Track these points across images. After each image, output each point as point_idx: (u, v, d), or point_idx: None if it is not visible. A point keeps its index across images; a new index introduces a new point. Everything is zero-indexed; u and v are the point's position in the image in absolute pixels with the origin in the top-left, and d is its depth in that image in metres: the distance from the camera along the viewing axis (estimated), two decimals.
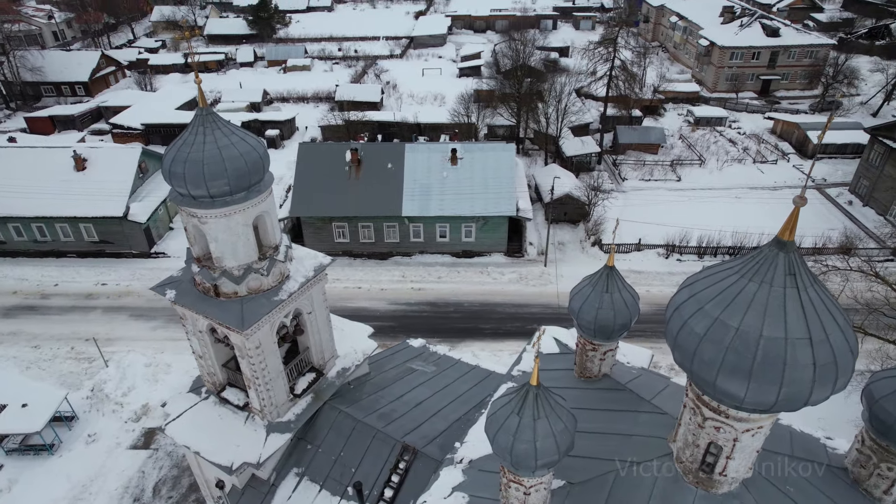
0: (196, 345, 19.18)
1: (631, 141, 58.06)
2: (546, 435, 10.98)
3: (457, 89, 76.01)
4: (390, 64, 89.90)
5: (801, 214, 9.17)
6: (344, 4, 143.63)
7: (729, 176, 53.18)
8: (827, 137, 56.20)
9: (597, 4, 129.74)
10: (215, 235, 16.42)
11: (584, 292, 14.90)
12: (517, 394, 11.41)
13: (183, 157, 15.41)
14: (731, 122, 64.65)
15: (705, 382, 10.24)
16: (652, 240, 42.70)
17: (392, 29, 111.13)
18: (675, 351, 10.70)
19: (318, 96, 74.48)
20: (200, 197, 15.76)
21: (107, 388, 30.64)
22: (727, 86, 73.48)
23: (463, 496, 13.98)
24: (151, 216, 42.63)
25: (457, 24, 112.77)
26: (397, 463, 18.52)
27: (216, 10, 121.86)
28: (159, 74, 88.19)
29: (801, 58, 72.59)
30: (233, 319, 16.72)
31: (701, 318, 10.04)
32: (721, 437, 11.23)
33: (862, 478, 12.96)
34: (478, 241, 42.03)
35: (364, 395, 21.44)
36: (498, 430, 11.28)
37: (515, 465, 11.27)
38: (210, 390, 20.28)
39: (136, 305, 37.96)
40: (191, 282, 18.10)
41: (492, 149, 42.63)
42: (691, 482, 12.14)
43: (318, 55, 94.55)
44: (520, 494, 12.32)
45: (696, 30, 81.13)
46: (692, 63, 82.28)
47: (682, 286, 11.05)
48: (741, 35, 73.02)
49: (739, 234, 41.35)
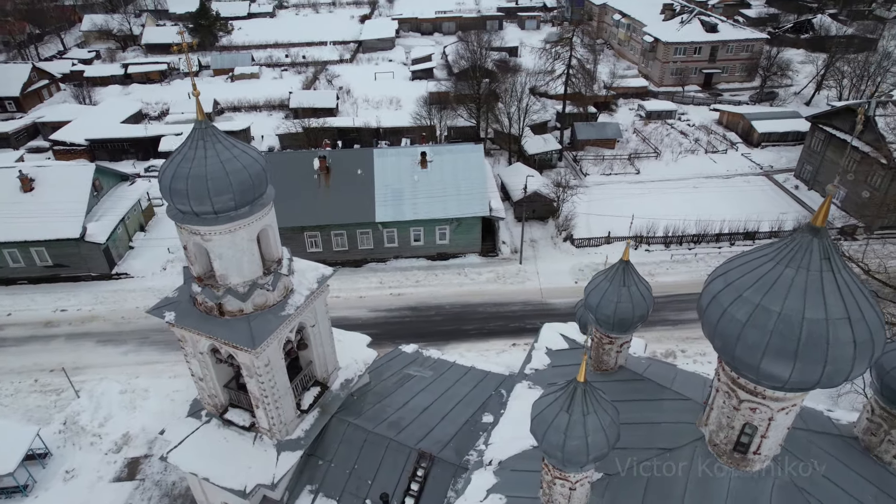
0: (196, 367, 18.46)
1: (589, 137, 59.53)
2: (596, 430, 11.17)
3: (411, 92, 76.03)
4: (341, 69, 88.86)
5: (755, 200, 9.78)
6: (286, 10, 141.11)
7: (684, 167, 55.33)
8: (769, 126, 59.41)
9: (539, 4, 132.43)
10: (219, 252, 15.87)
11: (601, 287, 15.20)
12: (563, 391, 11.55)
13: (184, 172, 14.83)
14: (681, 115, 67.30)
15: (748, 367, 10.65)
16: (620, 232, 43.90)
17: (339, 34, 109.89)
18: (715, 339, 11.08)
19: (270, 104, 72.81)
20: (204, 213, 15.20)
21: (81, 419, 29.00)
22: (673, 80, 76.46)
23: (500, 497, 14.02)
24: (111, 236, 40.61)
25: (404, 26, 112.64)
26: (415, 471, 18.39)
27: (152, 19, 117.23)
28: (97, 87, 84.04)
29: (738, 52, 76.37)
30: (241, 338, 16.20)
31: (742, 305, 10.44)
32: (757, 417, 11.71)
33: (873, 445, 13.76)
34: (452, 243, 42.15)
35: (369, 405, 21.19)
36: (547, 428, 11.38)
37: (566, 461, 11.40)
38: (211, 413, 19.57)
39: (102, 330, 36.08)
40: (189, 302, 17.42)
41: (460, 150, 42.82)
42: (726, 463, 12.59)
43: (266, 62, 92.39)
44: (565, 490, 12.47)
45: (639, 27, 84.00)
46: (637, 59, 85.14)
47: (713, 276, 11.46)
48: (683, 31, 76.13)
49: (702, 222, 43.09)
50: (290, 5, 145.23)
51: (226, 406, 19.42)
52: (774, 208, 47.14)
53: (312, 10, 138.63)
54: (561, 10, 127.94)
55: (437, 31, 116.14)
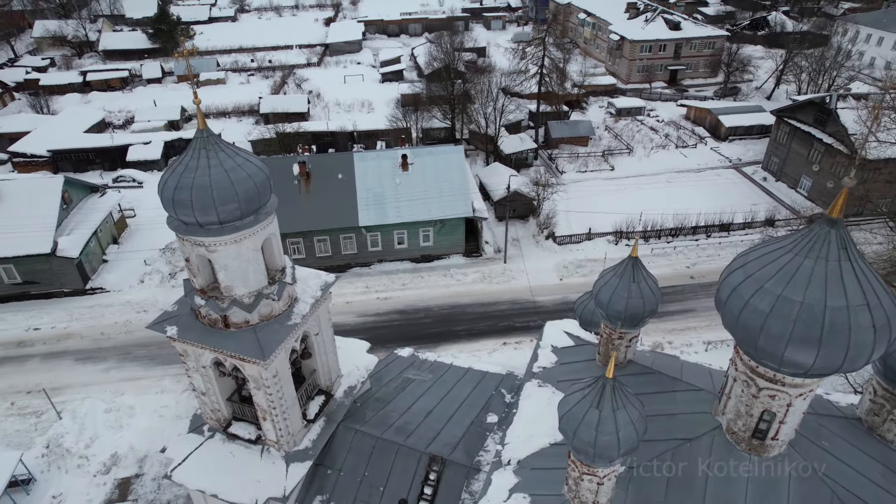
0: (199, 382, 18.02)
1: (563, 135, 60.28)
2: (626, 424, 11.36)
3: (383, 95, 75.71)
4: (309, 72, 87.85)
5: (727, 193, 9.95)
6: (248, 14, 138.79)
7: (657, 162, 56.54)
8: (735, 120, 61.21)
9: (504, 4, 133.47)
10: (224, 263, 15.53)
11: (611, 284, 15.44)
12: (591, 388, 11.70)
13: (188, 183, 14.46)
14: (650, 112, 68.75)
15: (772, 356, 11.00)
16: (599, 228, 44.62)
17: (304, 37, 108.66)
18: (737, 330, 11.41)
19: (239, 110, 71.48)
20: (209, 224, 14.86)
21: (65, 441, 27.94)
22: (640, 77, 78.08)
23: (524, 497, 14.10)
24: (83, 250, 39.24)
25: (370, 29, 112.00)
26: (427, 474, 18.33)
27: (108, 24, 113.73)
28: (55, 95, 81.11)
29: (701, 49, 78.48)
30: (250, 350, 15.89)
31: (764, 296, 10.77)
32: (776, 403, 12.09)
33: (876, 425, 14.34)
34: (436, 245, 42.14)
35: (373, 411, 21.02)
36: (578, 425, 11.51)
37: (598, 457, 11.54)
38: (214, 428, 19.11)
39: (80, 348, 34.83)
40: (191, 315, 17.01)
41: (441, 152, 42.86)
42: (744, 450, 12.96)
43: (232, 67, 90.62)
44: (592, 486, 12.63)
45: (605, 26, 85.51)
46: (604, 57, 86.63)
47: (731, 269, 11.77)
48: (647, 29, 77.82)
49: (679, 215, 44.12)
50: (251, 9, 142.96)
51: (229, 420, 19.01)
52: (746, 200, 48.61)
53: (275, 13, 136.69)
54: (525, 9, 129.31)
55: (404, 33, 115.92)
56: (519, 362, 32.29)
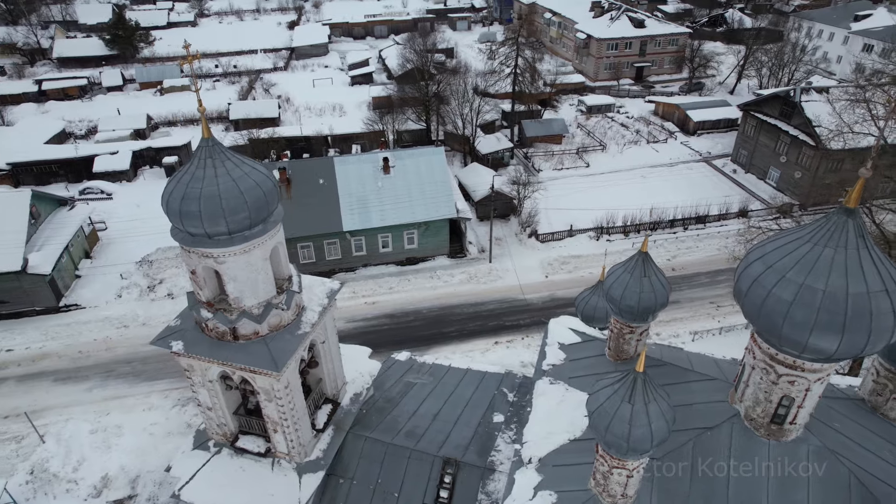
0: (205, 397, 17.59)
1: (537, 134, 60.90)
2: (658, 416, 11.54)
3: (353, 98, 75.25)
4: (277, 77, 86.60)
5: (700, 186, 10.22)
6: (207, 18, 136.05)
7: (630, 158, 57.63)
8: (703, 115, 62.89)
9: (468, 5, 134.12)
10: (234, 274, 15.20)
11: (622, 280, 15.67)
12: (622, 383, 11.84)
13: (195, 193, 14.12)
14: (619, 108, 70.03)
15: (795, 343, 11.34)
16: (580, 225, 45.23)
17: (268, 41, 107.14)
18: (759, 319, 11.71)
19: (208, 117, 69.64)
20: (217, 235, 14.54)
21: (51, 466, 26.83)
22: (607, 75, 79.48)
23: (549, 494, 14.17)
24: (55, 266, 37.77)
25: (335, 31, 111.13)
26: (442, 478, 18.28)
27: (61, 30, 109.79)
28: (8, 105, 77.88)
29: (665, 46, 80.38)
30: (262, 362, 15.59)
31: (786, 286, 11.09)
32: (795, 389, 12.47)
33: (879, 404, 14.91)
34: (421, 247, 42.05)
35: (380, 417, 20.84)
36: (611, 420, 11.64)
37: (631, 450, 11.69)
38: (221, 443, 18.70)
39: (58, 368, 33.51)
40: (196, 328, 16.57)
41: (422, 154, 42.80)
42: (763, 436, 13.32)
43: (196, 73, 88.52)
44: (622, 479, 12.80)
45: (571, 25, 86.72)
46: (571, 56, 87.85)
47: (749, 261, 12.07)
48: (613, 27, 79.27)
49: (657, 209, 45.07)
50: (211, 13, 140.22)
51: (236, 434, 18.61)
52: (718, 192, 50.01)
53: (236, 17, 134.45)
54: (490, 10, 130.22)
55: (370, 35, 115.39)
56: (513, 361, 32.66)
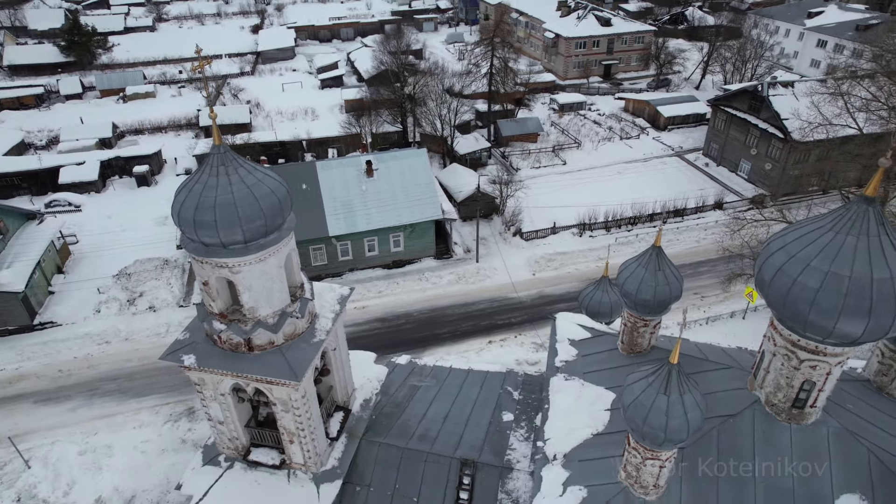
0: (216, 410, 17.15)
1: (512, 133, 61.35)
2: (693, 406, 11.79)
3: (325, 101, 74.39)
4: (244, 82, 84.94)
5: (675, 180, 10.35)
6: (167, 23, 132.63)
7: (605, 154, 58.56)
8: (673, 110, 64.39)
9: (433, 6, 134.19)
10: (249, 284, 14.86)
11: (636, 274, 15.93)
12: (656, 375, 12.05)
13: (210, 202, 13.74)
14: (590, 106, 71.11)
15: (821, 329, 11.71)
16: (562, 222, 45.74)
17: (232, 45, 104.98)
18: (785, 307, 12.05)
19: (176, 124, 68.13)
20: (233, 244, 14.19)
21: (39, 492, 25.75)
22: (576, 73, 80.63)
23: (579, 489, 14.30)
24: (28, 283, 36.24)
25: (301, 35, 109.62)
26: (461, 479, 18.24)
27: (10, 37, 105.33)
28: None
29: (632, 43, 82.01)
30: (280, 372, 15.29)
31: (812, 274, 11.46)
32: (816, 373, 12.89)
33: (884, 384, 15.52)
34: (407, 250, 41.87)
35: (390, 422, 20.67)
36: (648, 412, 11.83)
37: (668, 440, 11.90)
38: (232, 457, 18.26)
39: (38, 389, 32.14)
40: (207, 341, 16.14)
41: (404, 156, 42.65)
42: (784, 420, 13.73)
43: (160, 80, 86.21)
44: (655, 469, 13.01)
45: (538, 24, 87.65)
46: (540, 55, 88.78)
47: (770, 251, 12.44)
48: (581, 26, 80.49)
49: (637, 204, 45.93)
50: (170, 17, 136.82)
51: (247, 447, 18.19)
52: (693, 185, 51.27)
53: (196, 21, 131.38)
54: (455, 10, 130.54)
55: (336, 38, 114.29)
56: (508, 359, 32.82)
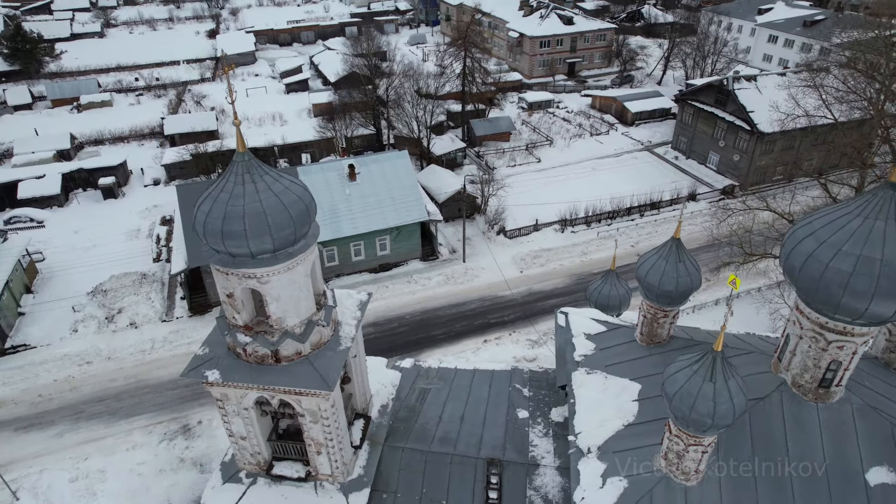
0: (239, 426, 16.69)
1: (486, 132, 61.72)
2: (737, 391, 12.15)
3: (292, 106, 73.16)
4: (206, 88, 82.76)
5: (648, 173, 10.50)
6: (116, 28, 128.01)
7: (577, 151, 59.54)
8: (639, 106, 65.98)
9: (392, 8, 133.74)
10: (277, 294, 14.52)
11: (658, 266, 16.29)
12: (700, 364, 12.36)
13: (238, 211, 13.38)
14: (558, 104, 72.17)
15: (853, 311, 12.23)
16: (542, 219, 46.26)
17: (190, 51, 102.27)
18: (818, 292, 12.52)
19: (139, 133, 65.75)
20: (262, 253, 13.85)
21: None
22: (542, 71, 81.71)
23: (619, 479, 14.52)
24: None
25: (260, 39, 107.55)
26: (488, 479, 18.26)
27: None
28: None
29: (594, 41, 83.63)
30: (311, 382, 14.99)
31: (844, 258, 11.96)
32: (843, 353, 13.46)
33: (892, 360, 16.28)
34: (393, 253, 41.61)
35: (408, 426, 20.54)
36: (695, 400, 12.12)
37: (715, 426, 12.21)
38: (254, 472, 17.79)
39: (17, 415, 30.50)
40: (229, 355, 15.68)
41: (386, 158, 42.39)
42: (811, 400, 14.28)
43: (116, 88, 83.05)
44: (697, 455, 13.34)
45: (501, 24, 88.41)
46: (504, 54, 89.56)
47: (798, 238, 12.91)
48: (544, 25, 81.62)
49: (615, 199, 46.87)
50: (118, 23, 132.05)
51: (269, 461, 17.76)
52: (665, 178, 52.67)
53: (148, 27, 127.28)
54: (415, 12, 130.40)
55: (296, 41, 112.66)
56: (506, 357, 33.01)
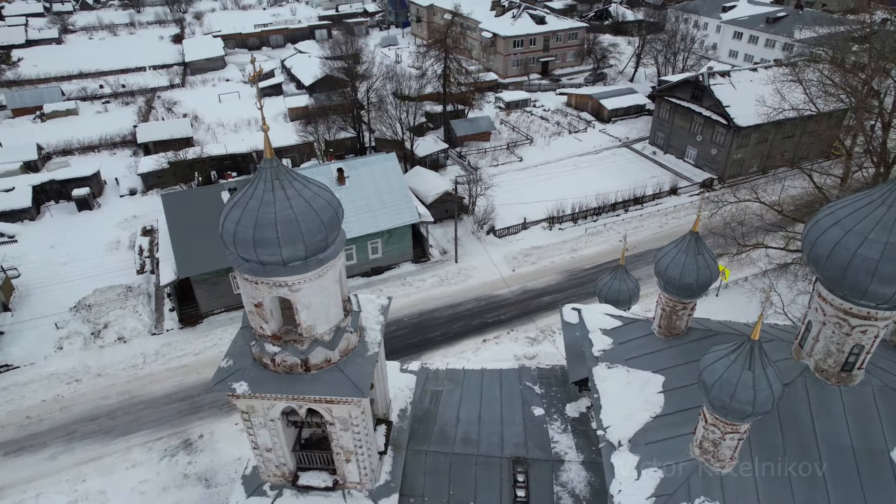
0: (264, 437, 16.40)
1: (467, 133, 61.91)
2: (774, 378, 12.47)
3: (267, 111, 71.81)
4: (177, 94, 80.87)
5: (628, 169, 10.71)
6: (74, 34, 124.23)
7: (558, 149, 60.19)
8: (615, 103, 67.09)
9: (360, 10, 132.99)
10: (308, 302, 14.33)
11: (678, 260, 16.60)
12: (738, 353, 12.62)
13: (269, 219, 13.15)
14: (534, 102, 72.84)
15: (880, 296, 12.70)
16: (531, 217, 46.63)
17: (155, 56, 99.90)
18: (845, 279, 12.96)
19: (109, 142, 63.79)
20: (293, 260, 13.65)
21: None
22: (516, 71, 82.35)
23: (654, 470, 14.74)
24: None
25: (228, 43, 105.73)
26: (515, 478, 18.33)
27: None
28: None
29: (566, 40, 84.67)
30: (343, 389, 14.84)
31: (871, 245, 12.41)
32: (866, 337, 13.95)
33: None
34: (385, 256, 41.38)
35: (427, 429, 20.50)
36: (735, 388, 12.38)
37: (755, 413, 12.52)
38: (279, 484, 17.49)
39: (6, 439, 29.24)
40: (255, 366, 15.39)
41: (374, 161, 42.14)
42: (834, 384, 14.76)
43: (80, 96, 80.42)
44: (733, 442, 13.64)
45: (474, 24, 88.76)
46: (478, 55, 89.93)
47: (822, 227, 13.33)
48: (516, 25, 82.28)
49: (601, 195, 47.54)
50: (77, 29, 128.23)
51: (294, 472, 17.48)
52: (645, 174, 53.69)
53: (109, 32, 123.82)
54: (384, 13, 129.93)
55: (265, 45, 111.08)
56: (506, 355, 33.17)
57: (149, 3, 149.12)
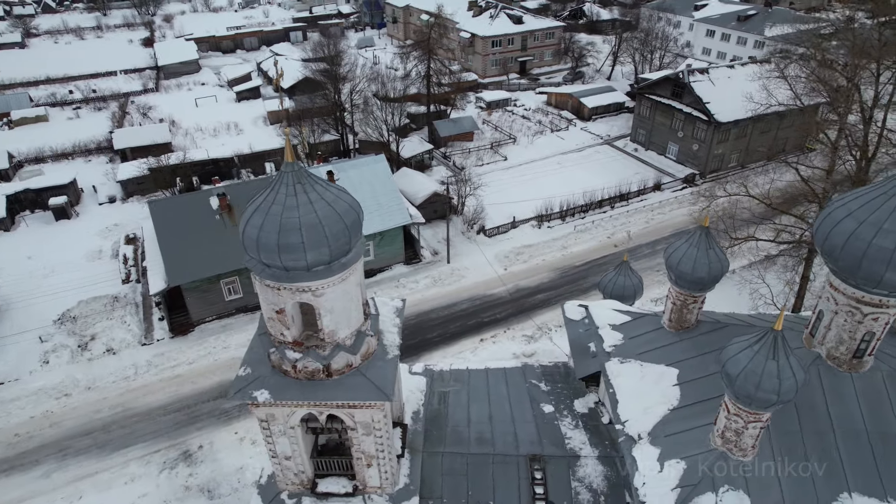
0: (284, 445, 16.19)
1: (450, 133, 61.94)
2: (797, 367, 12.77)
3: (245, 114, 71.09)
4: (152, 99, 79.14)
5: (611, 166, 11.10)
6: (38, 38, 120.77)
7: (541, 147, 60.65)
8: (595, 101, 67.90)
9: (334, 11, 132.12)
10: (330, 306, 14.19)
11: (689, 254, 16.89)
12: (761, 343, 12.90)
13: (294, 223, 12.98)
14: (515, 102, 73.27)
15: (894, 284, 13.15)
16: (520, 215, 46.90)
17: (125, 60, 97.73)
18: (860, 270, 13.36)
19: (83, 149, 62.05)
20: (317, 265, 13.49)
21: None
22: (495, 70, 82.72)
23: (676, 461, 14.98)
24: None
25: (201, 46, 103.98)
26: (532, 475, 18.42)
27: None
28: None
29: (543, 39, 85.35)
30: (367, 394, 14.74)
31: (886, 236, 12.82)
32: (877, 325, 14.41)
33: None
34: (377, 258, 41.17)
35: (440, 430, 20.46)
36: (760, 378, 12.66)
37: (780, 402, 12.82)
38: (297, 492, 17.28)
39: None
40: (276, 373, 15.17)
41: (364, 163, 41.91)
42: (845, 370, 15.21)
43: (49, 102, 78.13)
44: (756, 431, 13.94)
45: (451, 25, 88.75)
46: (456, 55, 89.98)
47: (836, 219, 13.73)
48: (494, 25, 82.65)
49: (587, 193, 48.07)
50: (41, 32, 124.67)
51: (312, 479, 17.29)
52: (629, 170, 54.45)
53: (75, 36, 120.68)
54: (360, 15, 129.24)
55: (240, 48, 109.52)
56: (505, 354, 33.32)
57: (115, 6, 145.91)
